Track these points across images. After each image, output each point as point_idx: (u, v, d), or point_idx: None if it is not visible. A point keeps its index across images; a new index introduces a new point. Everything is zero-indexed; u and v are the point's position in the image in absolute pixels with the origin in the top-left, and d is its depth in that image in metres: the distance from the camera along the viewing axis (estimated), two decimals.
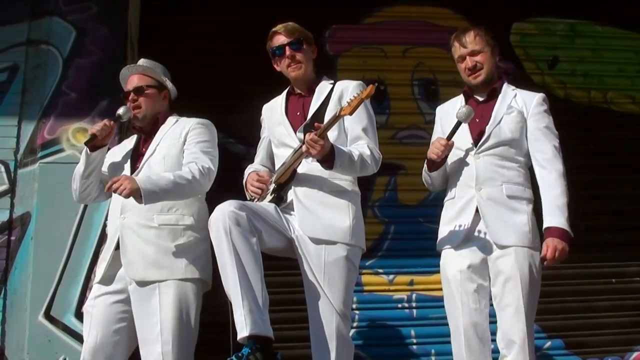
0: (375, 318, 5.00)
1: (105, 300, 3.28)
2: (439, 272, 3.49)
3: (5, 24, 4.71)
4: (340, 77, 3.40)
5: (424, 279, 5.01)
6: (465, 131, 3.36)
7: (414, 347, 4.96)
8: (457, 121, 3.28)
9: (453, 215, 3.38)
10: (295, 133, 3.30)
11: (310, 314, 3.09)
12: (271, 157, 3.51)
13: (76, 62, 4.64)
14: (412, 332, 5.00)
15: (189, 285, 3.26)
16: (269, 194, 3.26)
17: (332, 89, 3.35)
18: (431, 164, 3.40)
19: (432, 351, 4.91)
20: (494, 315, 3.30)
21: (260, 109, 3.63)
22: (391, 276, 5.12)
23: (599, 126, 5.58)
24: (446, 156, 3.33)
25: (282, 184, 3.23)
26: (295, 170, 3.21)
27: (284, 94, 3.51)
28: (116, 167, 3.51)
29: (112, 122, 3.41)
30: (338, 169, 3.10)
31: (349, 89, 3.30)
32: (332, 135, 3.13)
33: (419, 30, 5.57)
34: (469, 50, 3.42)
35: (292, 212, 3.22)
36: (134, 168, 3.42)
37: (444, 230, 3.43)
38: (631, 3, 5.75)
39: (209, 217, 3.00)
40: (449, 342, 3.39)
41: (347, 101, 3.05)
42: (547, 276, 4.99)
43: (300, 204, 3.19)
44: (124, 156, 3.54)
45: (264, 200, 3.26)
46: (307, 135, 3.00)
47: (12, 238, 4.36)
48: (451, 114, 3.44)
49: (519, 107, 3.40)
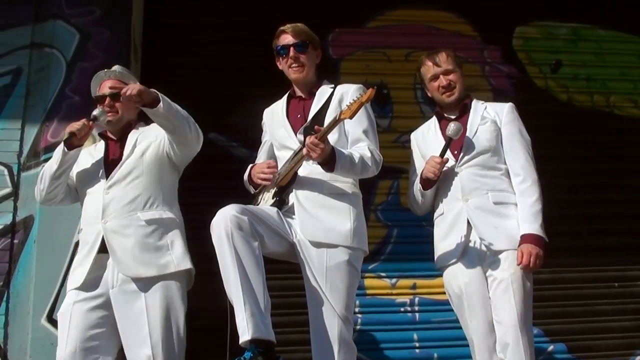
0: (377, 322, 4.99)
1: (83, 306, 3.24)
2: (441, 276, 3.51)
3: (8, 27, 4.71)
4: (343, 80, 3.41)
5: (427, 283, 5.01)
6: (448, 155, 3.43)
7: (417, 350, 4.95)
8: (448, 138, 3.35)
9: (446, 230, 3.43)
10: (296, 135, 3.30)
11: (311, 318, 3.09)
12: (275, 160, 3.51)
13: (79, 66, 4.65)
14: (415, 336, 4.99)
15: (173, 284, 3.28)
16: (271, 197, 3.26)
17: (332, 93, 3.36)
18: (426, 183, 3.43)
19: (435, 355, 4.90)
20: None
21: (263, 112, 3.64)
22: (394, 280, 5.11)
23: (601, 130, 5.58)
24: (441, 173, 3.37)
25: (283, 186, 3.23)
26: (296, 173, 3.21)
27: (285, 97, 3.52)
28: (88, 173, 3.48)
29: (90, 122, 3.36)
30: (339, 171, 3.10)
31: (349, 93, 3.30)
32: (332, 138, 3.12)
33: (422, 34, 5.57)
34: (442, 69, 3.53)
35: (293, 216, 3.21)
36: (108, 173, 3.40)
37: (440, 248, 3.46)
38: (634, 7, 5.75)
39: (209, 219, 2.99)
40: (451, 346, 3.42)
41: (347, 104, 3.05)
42: (549, 280, 5.05)
43: (301, 207, 3.19)
44: (94, 163, 3.49)
45: (266, 204, 3.26)
46: (307, 139, 3.00)
47: (15, 241, 4.36)
48: (427, 137, 3.58)
49: (492, 117, 3.49)
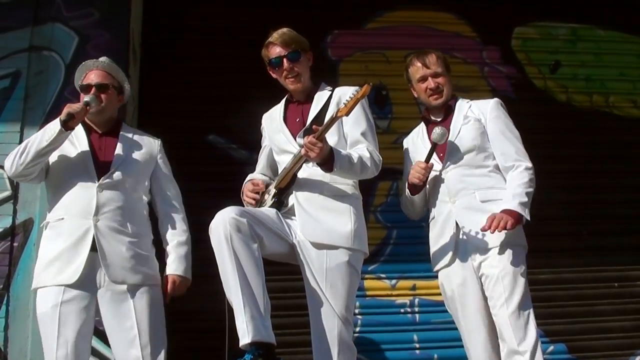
0: (378, 323, 4.99)
1: (74, 306, 3.19)
2: None
3: (7, 30, 4.72)
4: (342, 82, 3.41)
5: (427, 284, 5.00)
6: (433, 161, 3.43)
7: (417, 352, 4.95)
8: (433, 143, 3.36)
9: (437, 233, 3.44)
10: (295, 139, 3.29)
11: (311, 319, 3.08)
12: (272, 165, 3.51)
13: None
14: (415, 337, 4.99)
15: (157, 289, 3.36)
16: (270, 198, 3.26)
17: (330, 96, 3.35)
18: (413, 188, 3.44)
19: (435, 356, 4.91)
20: None
21: (262, 114, 3.63)
22: (394, 281, 5.12)
23: (601, 130, 5.59)
24: (427, 178, 3.37)
25: (282, 188, 3.23)
26: (295, 174, 3.21)
27: (283, 101, 3.51)
28: (71, 161, 3.40)
29: (86, 107, 3.32)
30: (338, 171, 3.08)
31: (346, 94, 3.29)
32: (331, 140, 3.12)
33: (421, 35, 5.58)
34: (432, 71, 3.50)
35: (293, 217, 3.21)
36: (98, 167, 3.37)
37: (433, 251, 3.47)
38: (633, 7, 5.76)
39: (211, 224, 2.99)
40: (451, 347, 3.42)
41: (343, 102, 3.06)
42: (549, 281, 5.05)
43: (302, 208, 3.18)
44: (80, 153, 3.41)
45: (265, 206, 3.25)
46: (305, 139, 3.00)
47: (15, 244, 4.36)
48: (416, 142, 3.58)
49: (476, 115, 3.46)
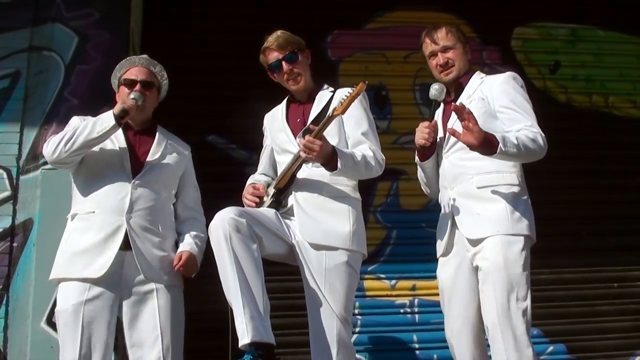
0: (377, 323, 5.00)
1: (103, 303, 3.19)
2: None
3: (7, 30, 4.71)
4: (342, 82, 3.42)
5: (426, 284, 5.01)
6: (440, 133, 3.30)
7: (417, 352, 4.96)
8: (433, 101, 3.22)
9: (440, 220, 3.36)
10: (296, 139, 3.29)
11: (310, 319, 3.08)
12: (273, 165, 3.51)
13: (78, 69, 4.65)
14: (415, 337, 5.00)
15: (178, 291, 3.36)
16: (269, 199, 3.26)
17: (332, 97, 3.34)
18: (421, 152, 3.31)
19: (435, 356, 4.91)
20: None
21: (262, 114, 3.63)
22: (393, 281, 5.12)
23: (600, 131, 5.60)
24: (436, 140, 3.25)
25: (281, 189, 3.23)
26: (294, 174, 3.21)
27: (285, 101, 3.51)
28: (108, 155, 3.38)
29: (136, 103, 3.33)
30: (342, 170, 3.06)
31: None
32: (332, 142, 3.11)
33: (421, 35, 5.57)
34: (440, 46, 3.32)
35: (292, 218, 3.21)
36: (134, 164, 3.38)
37: (436, 238, 3.37)
38: (633, 8, 5.76)
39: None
40: None
41: (339, 101, 3.05)
42: (549, 281, 5.06)
43: (300, 209, 3.19)
44: (117, 150, 3.40)
45: (263, 206, 3.26)
46: (301, 140, 3.00)
47: (14, 244, 4.36)
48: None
49: (482, 94, 3.22)
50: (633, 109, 5.76)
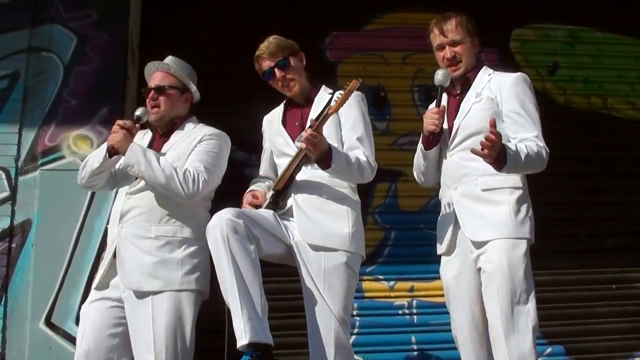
0: (375, 324, 4.99)
1: (102, 304, 3.23)
2: (439, 278, 3.48)
3: (6, 31, 4.71)
4: (340, 83, 3.41)
5: (425, 286, 5.01)
6: (445, 130, 3.25)
7: (415, 353, 4.96)
8: (438, 87, 3.19)
9: (441, 218, 3.33)
10: (294, 142, 3.29)
11: (308, 320, 3.08)
12: (274, 167, 3.51)
13: (77, 69, 4.65)
14: (413, 339, 5.00)
15: (184, 294, 3.19)
16: (267, 200, 3.26)
17: (330, 99, 3.32)
18: (428, 140, 3.23)
19: (433, 358, 4.91)
20: None
21: (261, 115, 3.64)
22: (392, 282, 5.12)
23: (599, 132, 5.60)
24: (442, 129, 3.20)
25: (279, 190, 3.23)
26: (292, 177, 3.22)
27: (283, 104, 3.51)
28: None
29: (137, 123, 3.31)
30: (335, 168, 3.06)
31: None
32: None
33: (419, 36, 5.50)
34: (449, 40, 3.26)
35: (291, 219, 3.22)
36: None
37: (437, 234, 3.34)
38: (631, 9, 5.76)
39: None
40: (449, 349, 3.38)
41: (334, 99, 3.07)
42: (548, 282, 5.06)
43: (300, 210, 3.19)
44: None
45: (262, 207, 3.25)
46: (304, 132, 3.00)
47: (13, 245, 4.36)
48: None
49: (491, 94, 3.18)
50: (631, 110, 5.77)
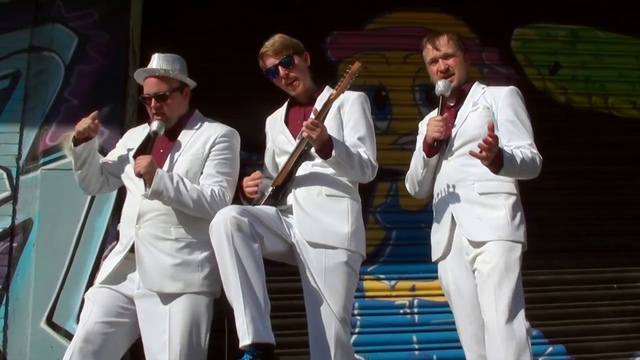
0: (377, 324, 5.00)
1: (111, 293, 3.17)
2: None
3: (7, 30, 4.72)
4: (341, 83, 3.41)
5: (426, 285, 5.01)
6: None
7: (416, 352, 4.96)
8: (440, 96, 3.27)
9: (436, 224, 3.35)
10: (296, 140, 3.29)
11: (309, 319, 3.08)
12: (276, 167, 3.50)
13: (78, 69, 4.66)
14: (414, 338, 5.00)
15: (201, 297, 3.16)
16: (267, 194, 3.25)
17: (332, 94, 3.34)
18: (431, 147, 3.27)
19: (434, 357, 4.91)
20: None
21: (261, 114, 3.64)
22: (393, 282, 5.12)
23: (600, 131, 5.60)
24: (443, 139, 3.24)
25: (279, 186, 3.23)
26: (291, 172, 3.22)
27: (286, 104, 3.51)
28: (130, 166, 3.34)
29: (96, 122, 3.27)
30: (336, 158, 3.05)
31: (349, 101, 3.31)
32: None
33: (421, 36, 5.50)
34: (442, 53, 3.37)
35: (291, 216, 3.21)
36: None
37: (432, 241, 3.38)
38: (632, 9, 5.76)
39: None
40: (450, 348, 3.39)
41: (335, 89, 3.13)
42: (548, 282, 5.06)
43: (300, 208, 3.19)
44: (131, 162, 3.35)
45: (260, 202, 3.24)
46: (305, 122, 3.01)
47: (14, 245, 4.36)
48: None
49: (487, 103, 3.30)
50: (632, 109, 5.76)
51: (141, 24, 5.22)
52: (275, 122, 3.50)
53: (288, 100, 3.51)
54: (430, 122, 3.24)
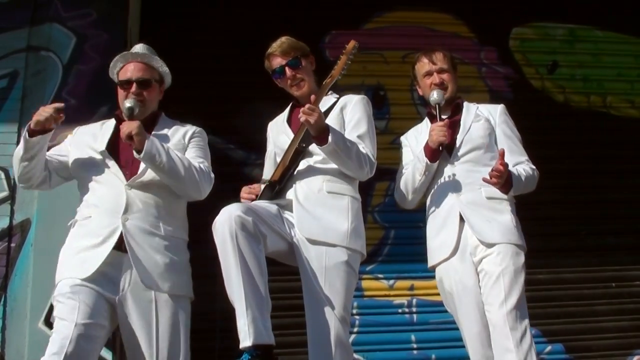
0: (375, 323, 5.00)
1: (93, 292, 3.00)
2: None
3: (5, 30, 4.72)
4: (339, 82, 3.40)
5: (424, 284, 5.01)
6: None
7: (414, 352, 4.96)
8: (436, 105, 3.40)
9: (438, 227, 3.38)
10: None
11: (308, 318, 3.05)
12: None
13: (76, 69, 4.66)
14: (413, 337, 5.00)
15: (185, 299, 3.17)
16: (263, 188, 3.25)
17: (335, 102, 3.36)
18: (434, 152, 3.33)
19: (433, 356, 4.91)
20: None
21: (261, 114, 3.64)
22: (391, 281, 5.12)
23: (598, 130, 5.61)
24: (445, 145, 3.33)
25: (275, 180, 3.23)
26: (289, 167, 3.21)
27: (289, 106, 3.51)
28: (92, 157, 3.24)
29: (59, 113, 3.12)
30: (333, 146, 3.03)
31: (352, 102, 3.33)
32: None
33: (419, 35, 5.58)
34: (438, 67, 3.55)
35: (291, 213, 3.20)
36: (121, 162, 3.21)
37: (432, 245, 3.41)
38: (631, 8, 5.77)
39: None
40: (449, 347, 3.40)
41: (330, 76, 3.20)
42: (547, 280, 5.06)
43: (299, 204, 3.18)
44: (103, 149, 3.23)
45: (263, 198, 3.24)
46: (303, 108, 3.02)
47: (12, 245, 4.36)
48: (419, 138, 3.53)
49: (486, 115, 3.51)
50: (631, 108, 5.77)
51: (139, 24, 5.22)
52: (277, 123, 3.52)
53: (291, 104, 3.51)
54: (433, 128, 3.34)
